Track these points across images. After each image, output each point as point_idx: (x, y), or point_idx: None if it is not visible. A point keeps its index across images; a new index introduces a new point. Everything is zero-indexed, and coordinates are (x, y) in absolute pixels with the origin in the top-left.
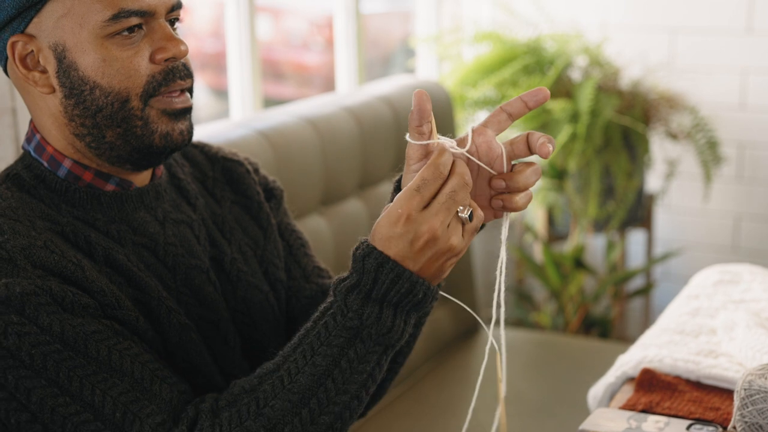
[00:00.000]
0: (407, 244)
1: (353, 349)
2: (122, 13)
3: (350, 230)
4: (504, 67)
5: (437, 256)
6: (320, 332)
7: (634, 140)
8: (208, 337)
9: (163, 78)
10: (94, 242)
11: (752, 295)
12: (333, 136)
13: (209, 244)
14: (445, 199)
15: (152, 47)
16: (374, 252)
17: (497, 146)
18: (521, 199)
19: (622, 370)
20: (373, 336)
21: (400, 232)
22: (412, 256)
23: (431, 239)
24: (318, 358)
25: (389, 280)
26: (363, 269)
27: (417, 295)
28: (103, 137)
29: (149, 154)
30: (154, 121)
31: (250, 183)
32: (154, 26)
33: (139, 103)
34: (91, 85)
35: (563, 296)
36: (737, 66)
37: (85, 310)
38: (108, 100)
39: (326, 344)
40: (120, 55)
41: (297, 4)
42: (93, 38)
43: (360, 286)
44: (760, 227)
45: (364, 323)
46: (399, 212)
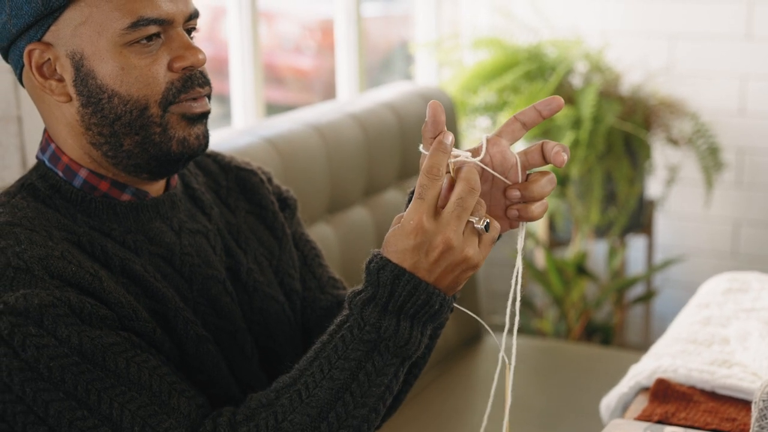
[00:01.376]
0: (423, 255)
1: (371, 362)
2: (141, 21)
3: (356, 238)
4: (505, 73)
5: (452, 266)
6: (337, 345)
7: (636, 146)
8: (225, 348)
9: (182, 85)
10: (111, 252)
11: (762, 304)
12: (338, 143)
13: (225, 254)
14: (454, 207)
15: (170, 55)
16: (389, 264)
17: (511, 156)
18: (537, 208)
19: (636, 380)
20: (391, 348)
21: (414, 243)
22: (427, 267)
23: (446, 249)
24: (336, 372)
25: (406, 292)
26: (378, 282)
27: (433, 306)
28: (121, 146)
29: (167, 161)
30: (172, 126)
31: (265, 193)
32: (172, 35)
33: (158, 110)
34: (110, 93)
35: (566, 303)
36: (737, 72)
37: (103, 321)
38: (127, 108)
39: (343, 358)
40: (138, 63)
41: (289, 8)
42: (111, 46)
43: (376, 298)
44: (760, 233)
45: (382, 336)
46: (411, 224)
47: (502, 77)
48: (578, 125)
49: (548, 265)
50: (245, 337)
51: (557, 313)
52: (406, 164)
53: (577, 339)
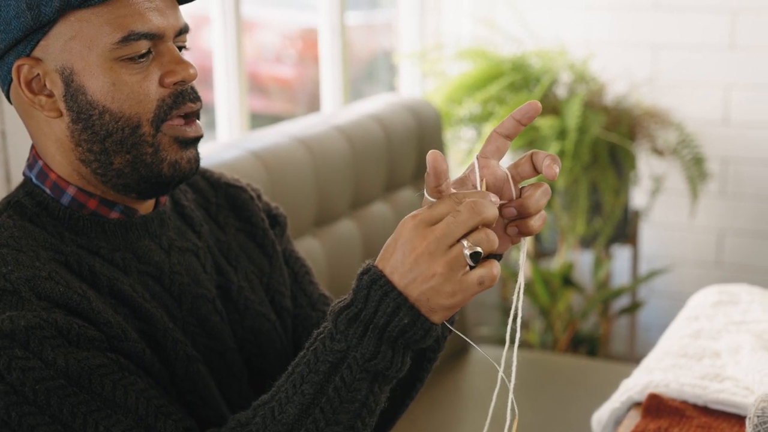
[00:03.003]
0: (402, 257)
1: (339, 376)
2: (132, 35)
3: (344, 251)
4: (490, 84)
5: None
6: (310, 359)
7: (621, 157)
8: (214, 368)
9: (174, 101)
10: (99, 272)
11: (753, 317)
12: (324, 156)
13: (215, 273)
14: (448, 225)
15: (161, 71)
16: (372, 269)
17: (502, 173)
18: (536, 222)
19: (628, 395)
20: (359, 360)
21: (401, 242)
22: (406, 273)
23: (433, 275)
24: (306, 387)
25: (385, 305)
26: (367, 299)
27: (417, 333)
28: (111, 163)
29: (157, 183)
30: (164, 148)
31: (255, 210)
32: (163, 50)
33: (150, 128)
34: (101, 110)
35: (552, 314)
36: (720, 82)
37: (91, 342)
38: (118, 125)
39: (314, 371)
40: (129, 80)
41: (270, 17)
42: (102, 61)
43: (351, 308)
44: (744, 242)
45: (349, 345)
46: (404, 224)
47: (486, 88)
48: (563, 136)
49: (534, 276)
50: (234, 357)
51: (543, 325)
52: (393, 177)
53: (564, 350)
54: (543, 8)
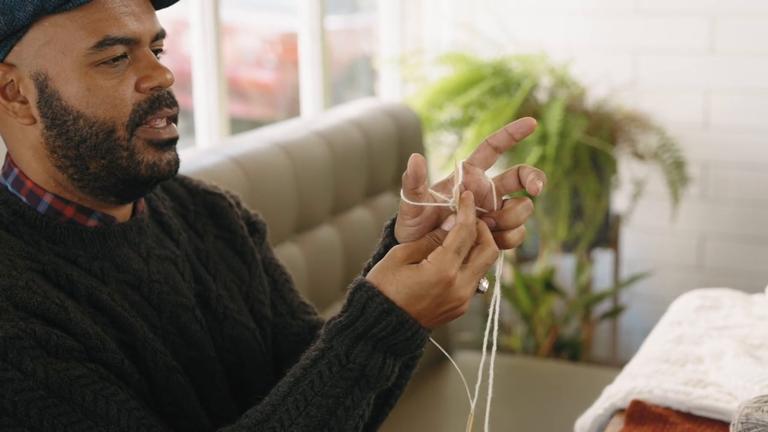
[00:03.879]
0: (435, 306)
1: (350, 398)
2: (107, 40)
3: (324, 257)
4: (470, 89)
5: (448, 318)
6: (314, 381)
7: (602, 161)
8: (195, 378)
9: (149, 106)
10: (77, 281)
11: (734, 321)
12: (305, 161)
13: (194, 281)
14: (479, 270)
15: (137, 76)
16: (396, 310)
17: (486, 182)
18: (513, 236)
19: (611, 401)
20: (371, 383)
21: (435, 294)
22: (429, 316)
23: (457, 306)
24: (312, 409)
25: (405, 338)
26: (375, 322)
27: (420, 347)
28: (87, 169)
29: (135, 185)
30: (140, 151)
31: (233, 217)
32: (139, 54)
33: (125, 132)
34: (75, 115)
35: (534, 319)
36: (700, 86)
37: (70, 353)
38: (93, 131)
39: (321, 394)
40: (104, 84)
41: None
42: (77, 66)
43: (366, 336)
44: (725, 246)
45: (366, 374)
46: (441, 275)
47: (467, 93)
48: (544, 140)
49: (516, 281)
50: (215, 367)
51: (525, 330)
52: (374, 182)
53: (546, 355)
54: (523, 13)
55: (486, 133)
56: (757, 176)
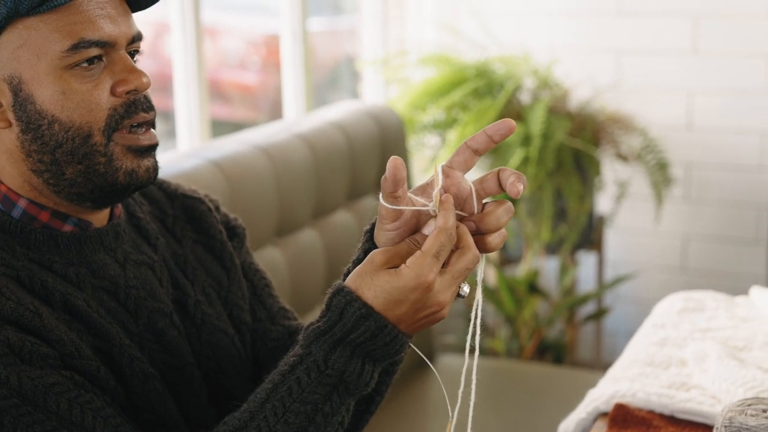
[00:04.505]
0: (413, 311)
1: (329, 404)
2: (82, 43)
3: (306, 261)
4: (453, 90)
5: (428, 323)
6: (292, 388)
7: (585, 163)
8: (172, 385)
9: (125, 110)
10: (51, 287)
11: (718, 324)
12: (286, 164)
13: (172, 286)
14: (459, 274)
15: (113, 79)
16: (374, 315)
17: (466, 186)
18: (494, 239)
19: (594, 405)
20: (350, 389)
21: (413, 299)
22: (408, 321)
23: (436, 312)
24: (290, 416)
25: (384, 343)
26: (353, 328)
27: (399, 353)
28: (63, 174)
29: (112, 192)
30: (118, 158)
31: (212, 222)
32: (115, 58)
33: (102, 138)
34: (50, 119)
35: (518, 321)
36: (683, 87)
37: (44, 360)
38: (68, 135)
39: (299, 401)
40: (80, 88)
41: (233, 24)
42: (51, 70)
43: (345, 341)
44: (708, 247)
45: (345, 380)
46: (420, 280)
47: (450, 94)
48: (528, 142)
49: (499, 284)
50: (193, 373)
51: (509, 332)
52: (356, 185)
53: (530, 357)
54: (506, 14)
55: (469, 134)
56: (740, 177)
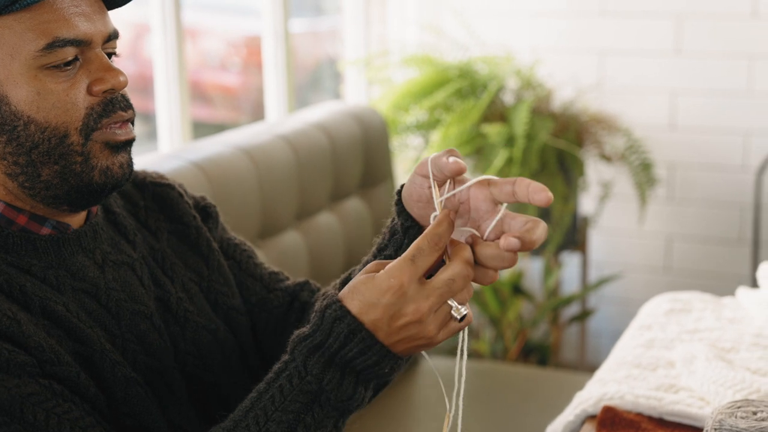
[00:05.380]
0: (387, 317)
1: (310, 415)
2: (57, 42)
3: (289, 262)
4: (436, 91)
5: (411, 339)
6: (274, 396)
7: (569, 163)
8: (155, 388)
9: (103, 109)
10: (30, 292)
11: (706, 324)
12: (269, 166)
13: (153, 284)
14: (442, 284)
15: (89, 78)
16: (348, 317)
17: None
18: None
19: (582, 407)
20: (332, 401)
21: (385, 302)
22: (386, 330)
23: (413, 321)
24: (272, 425)
25: (358, 349)
26: (330, 331)
27: (383, 369)
28: (39, 176)
29: (88, 192)
30: (95, 155)
31: (185, 208)
32: (91, 56)
33: (79, 137)
34: (25, 120)
35: (502, 323)
36: (666, 87)
37: (22, 369)
38: (44, 136)
39: (281, 410)
40: (55, 88)
41: (213, 25)
42: (26, 69)
43: (323, 348)
44: (692, 247)
45: (324, 388)
46: (391, 282)
47: (433, 95)
48: (511, 143)
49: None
50: (174, 376)
51: (494, 334)
52: (339, 186)
53: (515, 359)
54: (489, 15)
55: (452, 135)
56: (724, 177)
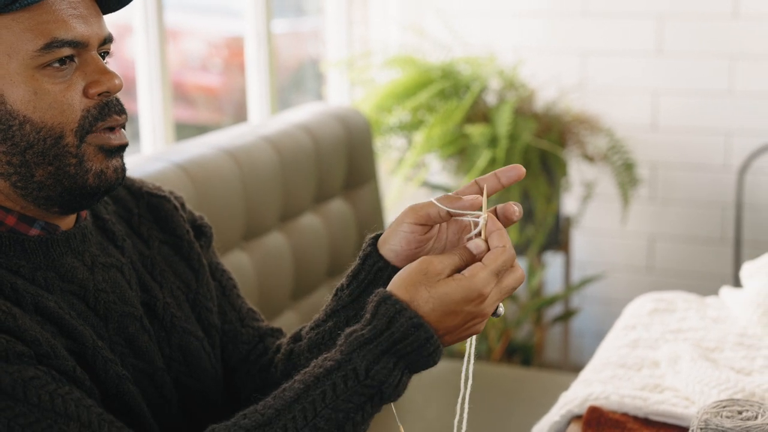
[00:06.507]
0: (463, 322)
1: (361, 413)
2: (55, 42)
3: (273, 264)
4: (419, 92)
5: (466, 336)
6: (326, 392)
7: (552, 163)
8: (144, 390)
9: (99, 112)
10: (21, 290)
11: (690, 324)
12: (252, 167)
13: (140, 289)
14: (507, 291)
15: (85, 81)
16: (424, 326)
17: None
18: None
19: (567, 408)
20: (384, 399)
21: (468, 310)
22: (455, 332)
23: (479, 322)
24: (320, 421)
25: (427, 353)
26: (406, 340)
27: (433, 364)
28: (32, 176)
29: (81, 195)
30: (89, 158)
31: (179, 221)
32: (87, 59)
33: (74, 139)
34: (21, 120)
35: (486, 323)
36: (648, 87)
37: (20, 358)
38: (40, 136)
39: (332, 407)
40: (52, 89)
41: (195, 25)
42: (23, 69)
43: (391, 352)
44: (674, 247)
45: (383, 390)
46: (480, 293)
47: (416, 96)
48: (494, 143)
49: None
50: (164, 378)
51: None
52: (323, 187)
53: (499, 360)
54: (472, 15)
55: (435, 135)
56: (705, 177)
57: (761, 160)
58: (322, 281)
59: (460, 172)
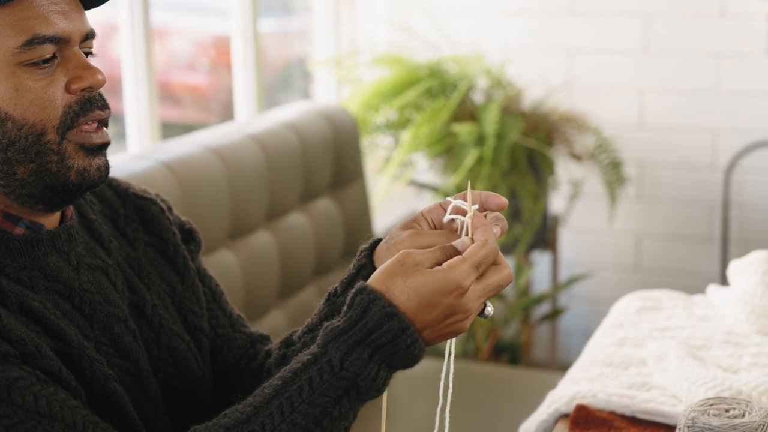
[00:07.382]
0: (443, 317)
1: (338, 408)
2: (36, 39)
3: (260, 263)
4: (407, 90)
5: (447, 334)
6: (302, 387)
7: (539, 162)
8: (129, 391)
9: (81, 108)
10: (6, 289)
11: (676, 323)
12: (239, 166)
13: (128, 290)
14: (492, 288)
15: (67, 77)
16: (398, 315)
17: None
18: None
19: (555, 406)
20: (362, 393)
21: (447, 303)
22: (435, 327)
23: (462, 320)
24: (297, 417)
25: (404, 346)
26: (380, 329)
27: (415, 361)
28: (14, 174)
29: (63, 192)
30: (71, 156)
31: (165, 224)
32: (69, 54)
33: (55, 136)
34: (2, 117)
35: (473, 322)
36: (635, 86)
37: (5, 358)
38: (21, 133)
39: (308, 402)
40: (33, 85)
41: (181, 25)
42: (4, 66)
43: (365, 343)
44: (661, 246)
45: (358, 383)
46: (458, 285)
47: (403, 94)
48: (482, 142)
49: None
50: (149, 379)
51: (465, 333)
52: (310, 186)
53: (486, 358)
54: (459, 14)
55: (423, 134)
56: (692, 176)
57: (748, 159)
58: (308, 280)
59: (448, 171)
